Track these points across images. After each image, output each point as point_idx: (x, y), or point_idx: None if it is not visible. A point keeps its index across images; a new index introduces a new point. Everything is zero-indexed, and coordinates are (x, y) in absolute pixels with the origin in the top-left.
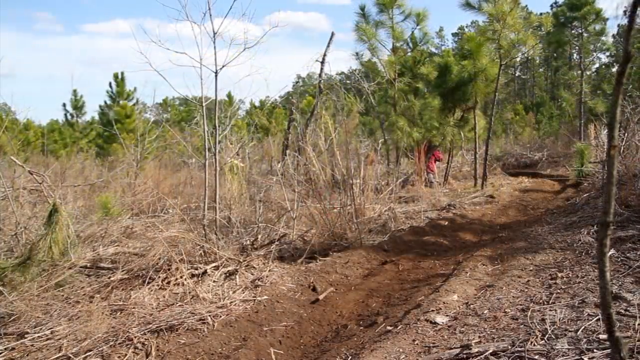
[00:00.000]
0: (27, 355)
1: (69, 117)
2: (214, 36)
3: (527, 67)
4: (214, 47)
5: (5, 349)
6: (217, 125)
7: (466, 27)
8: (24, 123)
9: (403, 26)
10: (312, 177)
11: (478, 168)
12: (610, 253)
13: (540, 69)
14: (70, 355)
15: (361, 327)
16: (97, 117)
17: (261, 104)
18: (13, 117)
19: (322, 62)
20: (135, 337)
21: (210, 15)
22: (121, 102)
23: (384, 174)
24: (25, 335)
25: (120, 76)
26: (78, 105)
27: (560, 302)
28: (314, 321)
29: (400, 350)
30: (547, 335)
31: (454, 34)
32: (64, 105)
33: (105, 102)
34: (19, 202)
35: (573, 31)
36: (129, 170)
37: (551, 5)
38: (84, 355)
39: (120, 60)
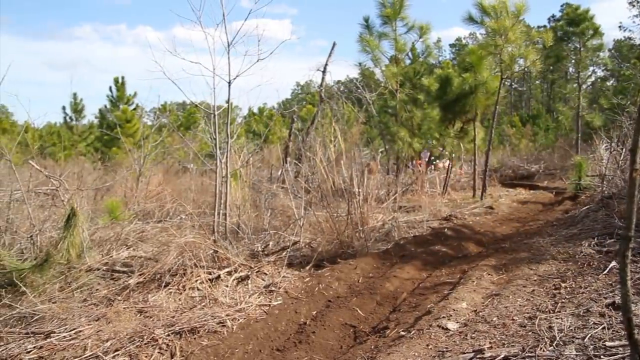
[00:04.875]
0: (55, 353)
1: (68, 120)
2: (228, 47)
3: (523, 79)
4: (228, 58)
5: (34, 347)
6: (228, 134)
7: (464, 38)
8: (23, 125)
9: (406, 38)
10: (319, 185)
11: (477, 179)
12: (611, 265)
13: (537, 81)
14: (100, 354)
15: (374, 332)
16: (94, 121)
17: (260, 111)
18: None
19: (324, 72)
20: (159, 338)
21: (225, 26)
22: (121, 106)
23: (384, 184)
24: (52, 335)
25: (120, 80)
26: (78, 109)
27: (565, 310)
28: (327, 326)
29: (416, 354)
30: (555, 342)
31: (451, 45)
32: (64, 108)
33: (106, 106)
34: (30, 204)
35: (570, 45)
36: (132, 175)
37: (549, 19)
38: (112, 355)
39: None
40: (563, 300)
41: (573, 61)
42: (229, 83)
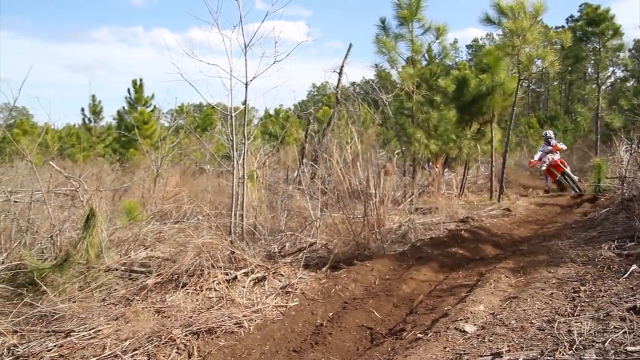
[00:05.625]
0: (75, 352)
1: (86, 121)
2: (245, 49)
3: (541, 80)
4: (245, 60)
5: (55, 345)
6: (245, 135)
7: (480, 39)
8: (43, 127)
9: (422, 39)
10: (335, 187)
11: (494, 181)
12: (632, 268)
13: (555, 82)
14: (119, 353)
15: (390, 334)
16: (112, 122)
17: (276, 113)
18: (32, 121)
19: (340, 73)
20: (177, 337)
21: (242, 28)
22: (139, 108)
23: (401, 185)
24: (72, 334)
25: (138, 82)
26: (96, 110)
27: (585, 314)
28: (343, 327)
29: (433, 357)
30: (575, 346)
31: (468, 46)
32: (82, 109)
33: (124, 108)
34: (50, 205)
35: (589, 45)
36: (149, 176)
37: (567, 20)
38: (131, 354)
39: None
40: (582, 304)
41: (592, 62)
42: (246, 85)
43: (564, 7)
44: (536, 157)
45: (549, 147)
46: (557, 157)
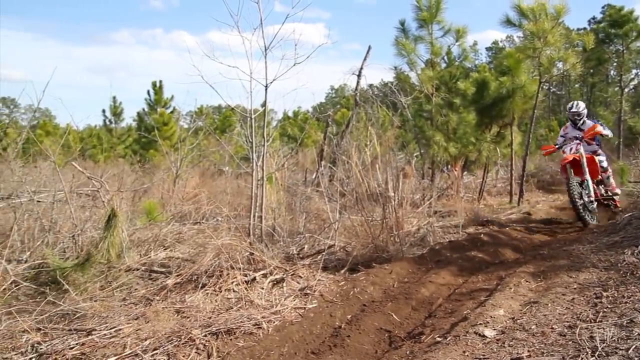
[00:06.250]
0: (96, 351)
1: (107, 122)
2: (265, 51)
3: (562, 83)
4: (265, 62)
5: (77, 344)
6: (265, 137)
7: (500, 41)
8: (65, 128)
9: (442, 42)
10: (354, 189)
11: (514, 185)
12: None
13: (577, 85)
14: (139, 352)
15: (409, 337)
16: (132, 124)
17: (295, 115)
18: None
19: (359, 75)
20: (197, 338)
21: (262, 30)
22: (159, 109)
23: (419, 188)
24: (93, 332)
25: (158, 84)
26: (117, 112)
27: (607, 320)
28: (361, 330)
29: None
30: (597, 353)
31: (488, 48)
32: (103, 111)
33: (144, 109)
34: (72, 205)
35: (611, 47)
36: (169, 177)
37: (589, 21)
38: (151, 353)
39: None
40: (605, 310)
41: (615, 64)
42: (266, 87)
43: (586, 8)
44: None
45: (577, 132)
46: (589, 148)
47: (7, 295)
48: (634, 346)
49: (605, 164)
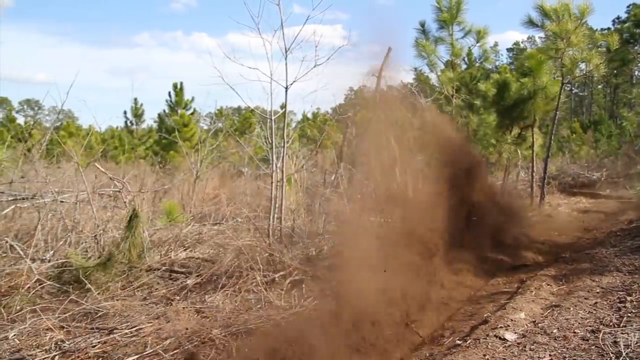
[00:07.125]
0: (117, 349)
1: (128, 124)
2: (285, 53)
3: (584, 84)
4: (286, 64)
5: (99, 342)
6: (285, 138)
7: (522, 42)
8: (88, 129)
9: (462, 43)
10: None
11: (534, 187)
12: None
13: (599, 86)
14: (160, 351)
15: (429, 340)
16: (153, 125)
17: (314, 117)
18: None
19: (378, 77)
20: (216, 338)
21: (283, 33)
22: (179, 111)
23: None
24: (114, 331)
25: (179, 86)
26: (138, 113)
27: (632, 325)
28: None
29: None
30: (621, 358)
31: (509, 49)
32: (125, 112)
33: (164, 111)
34: (94, 205)
35: (636, 47)
36: (189, 178)
37: (613, 21)
38: (171, 353)
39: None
40: (629, 315)
41: (639, 64)
42: (286, 88)
43: (610, 8)
44: None
45: None
46: None
47: (32, 294)
48: None
49: None
